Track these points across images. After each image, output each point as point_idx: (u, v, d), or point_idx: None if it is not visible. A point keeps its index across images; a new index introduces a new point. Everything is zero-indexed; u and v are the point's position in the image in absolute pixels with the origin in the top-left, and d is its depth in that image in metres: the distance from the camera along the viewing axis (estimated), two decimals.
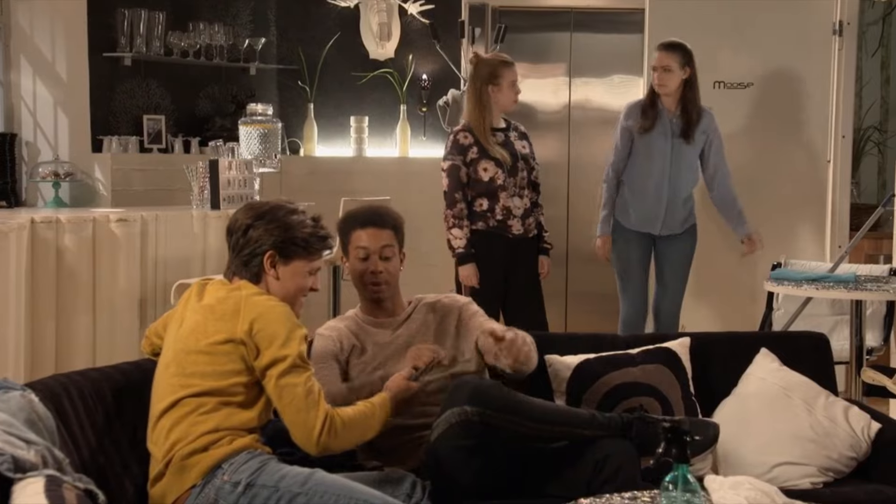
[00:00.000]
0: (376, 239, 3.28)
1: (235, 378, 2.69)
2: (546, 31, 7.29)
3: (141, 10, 6.42)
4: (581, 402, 3.30)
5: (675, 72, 5.09)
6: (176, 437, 2.65)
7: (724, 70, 6.22)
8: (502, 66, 4.84)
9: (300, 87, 7.04)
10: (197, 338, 2.72)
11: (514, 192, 4.80)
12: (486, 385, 2.93)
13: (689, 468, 2.09)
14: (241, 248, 2.83)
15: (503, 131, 4.91)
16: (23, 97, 6.45)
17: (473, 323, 3.30)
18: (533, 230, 4.91)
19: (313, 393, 2.69)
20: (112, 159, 6.23)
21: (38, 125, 6.44)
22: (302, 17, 7.10)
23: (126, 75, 6.50)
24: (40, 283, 4.52)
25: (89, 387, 2.80)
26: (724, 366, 3.50)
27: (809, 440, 3.24)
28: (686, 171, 5.19)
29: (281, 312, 2.72)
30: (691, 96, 5.15)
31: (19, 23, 6.44)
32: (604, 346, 3.48)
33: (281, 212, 2.85)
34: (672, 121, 5.15)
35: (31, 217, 4.52)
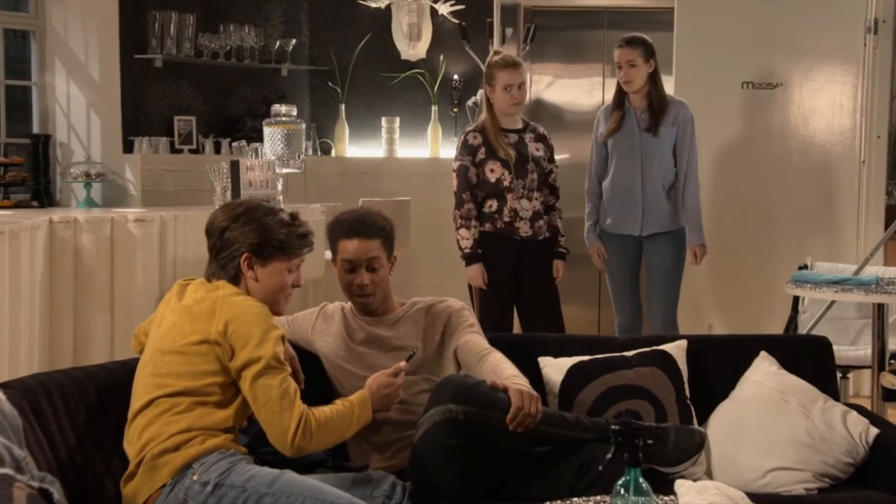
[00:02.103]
0: (363, 250, 3.24)
1: (211, 378, 2.70)
2: (579, 30, 7.25)
3: (171, 12, 6.49)
4: (573, 405, 3.27)
5: (640, 66, 4.99)
6: (149, 437, 2.67)
7: (752, 70, 6.16)
8: (496, 68, 4.78)
9: (331, 88, 7.07)
10: (173, 338, 2.74)
11: (522, 193, 4.75)
12: (470, 383, 2.91)
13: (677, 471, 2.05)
14: (218, 251, 2.84)
15: (518, 132, 4.85)
16: (57, 99, 6.56)
17: (459, 333, 3.27)
18: (545, 233, 4.85)
19: (288, 394, 2.69)
20: (142, 160, 6.29)
21: (72, 126, 6.54)
22: (334, 18, 7.13)
23: (157, 77, 6.57)
24: (58, 283, 4.59)
25: (72, 386, 2.83)
26: (723, 369, 3.45)
27: (805, 445, 3.18)
28: (659, 166, 5.04)
29: (256, 313, 2.73)
30: (656, 89, 5.05)
31: (54, 26, 6.54)
32: (600, 348, 3.44)
33: (257, 212, 2.85)
34: (640, 117, 5.06)
35: (50, 217, 4.59)
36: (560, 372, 3.34)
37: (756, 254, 6.15)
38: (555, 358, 3.38)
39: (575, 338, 3.56)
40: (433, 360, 3.25)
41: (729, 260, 6.20)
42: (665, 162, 5.05)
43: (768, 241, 6.16)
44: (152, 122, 6.59)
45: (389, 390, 2.93)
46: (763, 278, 6.07)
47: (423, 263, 6.57)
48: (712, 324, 6.25)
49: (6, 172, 6.15)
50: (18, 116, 6.69)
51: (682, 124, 5.08)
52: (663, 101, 5.06)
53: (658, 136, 5.01)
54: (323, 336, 3.31)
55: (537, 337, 3.67)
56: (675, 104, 5.10)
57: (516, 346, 3.39)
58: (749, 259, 6.17)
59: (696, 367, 3.42)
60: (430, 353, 3.25)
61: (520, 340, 3.53)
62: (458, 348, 3.24)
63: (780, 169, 6.17)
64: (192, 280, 2.91)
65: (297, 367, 3.15)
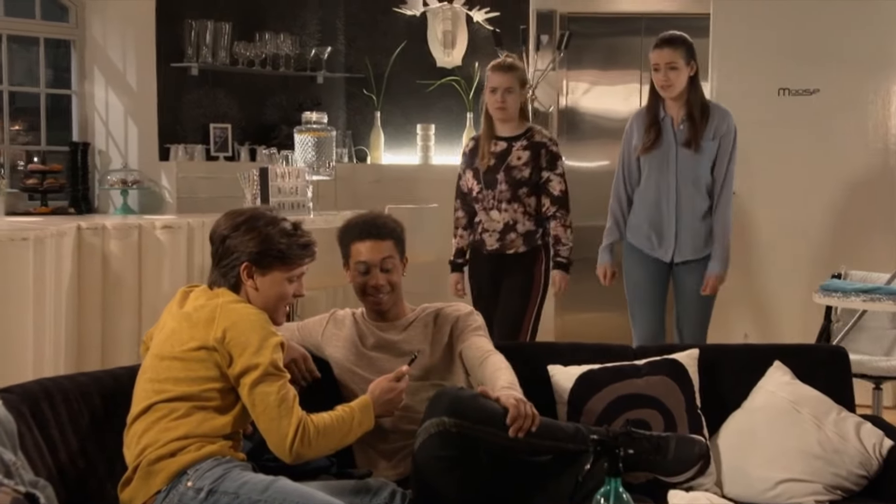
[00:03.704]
0: (376, 251, 3.26)
1: (209, 384, 2.71)
2: (616, 36, 7.21)
3: (208, 20, 6.55)
4: (582, 413, 3.24)
5: (682, 69, 4.39)
6: (146, 442, 2.68)
7: (789, 76, 6.08)
8: (490, 70, 4.61)
9: (367, 96, 7.09)
10: (172, 344, 2.75)
11: (491, 204, 4.57)
12: (465, 396, 2.89)
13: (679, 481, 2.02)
14: (220, 258, 2.84)
15: (509, 140, 4.60)
16: (96, 107, 6.67)
17: (464, 336, 3.27)
18: (519, 247, 4.56)
19: (287, 401, 2.69)
20: (177, 167, 6.37)
21: (110, 134, 6.64)
22: (370, 26, 7.16)
23: (193, 85, 6.65)
24: (87, 288, 4.66)
25: (76, 391, 2.85)
26: (737, 378, 3.39)
27: (817, 456, 3.12)
28: (696, 187, 4.47)
29: (255, 321, 2.73)
30: (696, 96, 4.44)
31: (94, 35, 6.65)
32: (611, 356, 3.41)
33: (259, 221, 2.83)
34: (678, 128, 4.45)
35: (78, 224, 4.66)
36: (569, 380, 3.31)
37: (792, 262, 6.06)
38: (564, 366, 3.36)
39: (586, 346, 3.53)
40: (442, 365, 3.25)
41: (764, 268, 6.14)
42: (704, 182, 4.47)
43: (804, 249, 6.07)
44: (188, 130, 6.66)
45: (392, 395, 2.92)
46: (798, 287, 5.98)
47: None
48: (748, 333, 6.17)
49: (44, 179, 6.25)
50: (60, 124, 6.81)
51: (725, 138, 4.46)
52: (706, 108, 4.47)
53: (698, 153, 4.42)
54: (333, 341, 3.32)
55: (547, 345, 3.67)
56: (718, 113, 4.50)
57: (526, 354, 3.38)
58: (784, 267, 6.09)
59: (709, 376, 3.38)
60: (438, 357, 3.25)
61: (530, 348, 3.53)
62: (462, 352, 3.24)
63: (817, 176, 6.08)
64: (195, 287, 2.93)
65: (310, 365, 3.19)
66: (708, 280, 4.48)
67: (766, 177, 6.20)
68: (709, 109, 4.46)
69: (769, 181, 6.19)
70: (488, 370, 3.09)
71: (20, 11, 6.57)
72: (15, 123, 6.90)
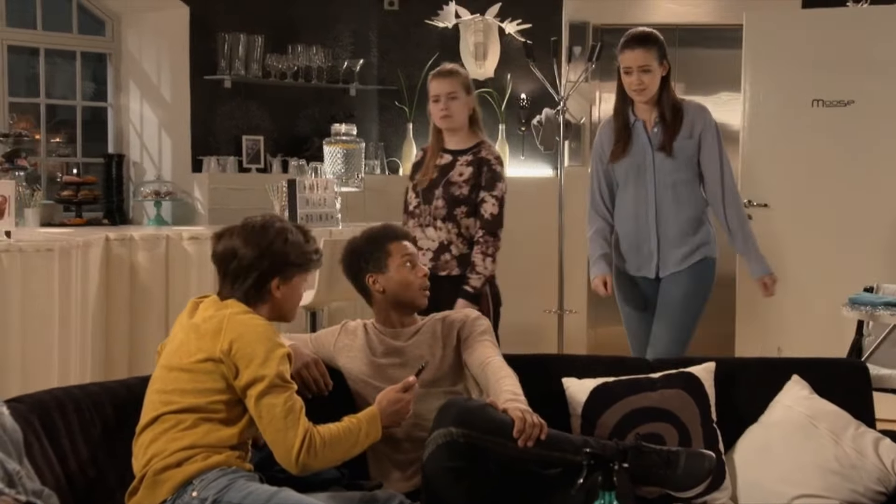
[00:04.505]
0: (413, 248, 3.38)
1: (216, 396, 2.72)
2: None
3: (240, 33, 6.61)
4: (596, 426, 3.22)
5: (655, 71, 4.07)
6: (153, 452, 2.70)
7: (822, 88, 6.04)
8: (431, 78, 4.30)
9: (399, 108, 7.12)
10: (180, 356, 2.77)
11: (427, 221, 4.22)
12: (473, 406, 2.90)
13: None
14: (243, 278, 2.85)
15: (456, 153, 4.26)
16: (131, 119, 6.75)
17: (469, 341, 3.28)
18: (453, 268, 4.18)
19: (294, 412, 2.71)
20: (210, 178, 6.42)
21: (144, 146, 6.72)
22: (402, 38, 7.18)
23: (226, 97, 6.70)
24: (114, 298, 4.71)
25: (87, 400, 2.88)
26: (754, 392, 3.36)
27: (834, 472, 3.08)
28: (678, 192, 4.14)
29: (261, 332, 2.75)
30: (668, 97, 4.11)
31: (129, 49, 6.74)
32: (626, 369, 3.39)
33: (279, 239, 2.86)
34: (652, 132, 4.13)
35: (106, 234, 4.72)
36: (584, 393, 3.29)
37: (825, 275, 6.00)
38: (579, 378, 3.34)
39: (601, 358, 3.52)
40: (451, 371, 3.25)
41: (798, 281, 6.06)
42: (689, 186, 4.15)
43: (839, 261, 6.00)
44: (221, 142, 6.71)
45: (399, 406, 2.93)
46: (832, 300, 5.89)
47: None
48: (781, 346, 6.11)
49: (79, 191, 6.33)
50: (99, 136, 6.91)
51: (705, 134, 4.11)
52: (678, 108, 4.12)
53: (674, 156, 4.09)
54: (345, 352, 3.33)
55: (562, 357, 3.66)
56: (692, 110, 4.15)
57: (541, 366, 3.38)
58: (818, 280, 6.02)
59: (726, 389, 3.35)
60: (447, 363, 3.25)
61: (545, 360, 3.49)
62: (466, 358, 3.25)
63: (851, 188, 6.02)
64: (205, 297, 2.95)
65: (322, 369, 3.20)
66: (760, 281, 4.25)
67: (801, 188, 6.16)
68: (682, 109, 4.13)
69: (803, 192, 6.15)
70: (491, 377, 3.10)
71: (58, 25, 6.67)
72: (56, 136, 7.00)
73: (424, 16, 7.02)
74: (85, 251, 4.40)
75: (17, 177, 5.97)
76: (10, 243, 4.13)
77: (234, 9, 6.69)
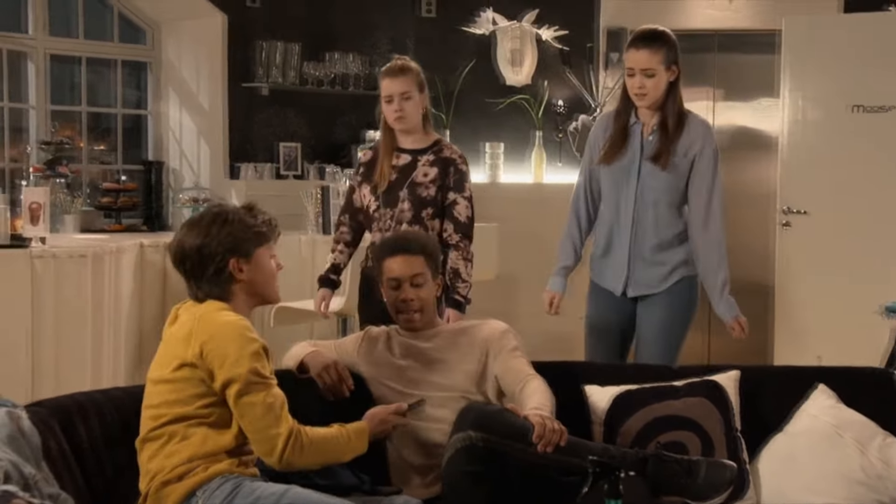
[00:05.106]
0: (407, 267, 3.29)
1: (200, 401, 2.69)
2: (688, 53, 7.06)
3: (277, 41, 6.65)
4: (618, 434, 3.21)
5: (661, 74, 3.73)
6: (154, 470, 2.69)
7: (862, 93, 5.98)
8: (380, 76, 4.08)
9: (435, 114, 7.12)
10: (161, 367, 2.75)
11: (388, 225, 3.99)
12: (491, 411, 2.91)
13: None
14: (202, 270, 2.78)
15: (415, 153, 4.05)
16: (170, 127, 6.82)
17: (502, 358, 3.25)
18: None
19: (273, 409, 2.67)
20: (246, 185, 6.45)
21: (183, 153, 6.78)
22: (438, 45, 7.18)
23: (263, 104, 6.74)
24: (147, 304, 4.76)
25: (109, 405, 2.91)
26: (779, 401, 3.33)
27: (859, 482, 3.06)
28: (659, 213, 3.83)
29: (231, 331, 2.69)
30: (673, 105, 3.78)
31: (168, 57, 6.81)
32: (649, 376, 3.37)
33: (219, 219, 2.78)
34: (647, 138, 3.83)
35: (140, 241, 4.77)
36: (606, 400, 3.29)
37: (865, 283, 5.91)
38: (601, 386, 3.33)
39: (624, 366, 3.51)
40: (469, 382, 3.24)
41: (837, 289, 6.01)
42: (669, 210, 3.85)
43: (881, 269, 5.92)
44: (258, 149, 6.76)
45: (386, 426, 2.95)
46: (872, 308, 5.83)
47: (523, 289, 6.53)
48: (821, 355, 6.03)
49: (118, 198, 6.40)
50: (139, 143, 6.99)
51: (701, 157, 3.78)
52: (682, 118, 3.80)
53: (666, 170, 3.77)
54: (367, 358, 3.34)
55: (585, 364, 3.63)
56: (694, 126, 3.82)
57: (564, 373, 3.37)
58: (858, 288, 5.94)
59: (751, 398, 3.33)
60: (465, 372, 3.24)
61: (567, 367, 3.48)
62: (500, 374, 3.23)
63: (891, 195, 5.95)
64: (184, 303, 2.90)
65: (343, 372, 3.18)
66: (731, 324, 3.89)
67: (840, 195, 6.10)
68: (685, 121, 3.81)
69: (843, 199, 6.09)
70: (526, 393, 3.09)
71: (99, 35, 6.75)
72: (99, 143, 7.09)
73: (461, 23, 7.02)
74: (118, 257, 4.46)
75: (57, 184, 6.06)
76: (45, 249, 4.20)
77: (271, 17, 6.73)
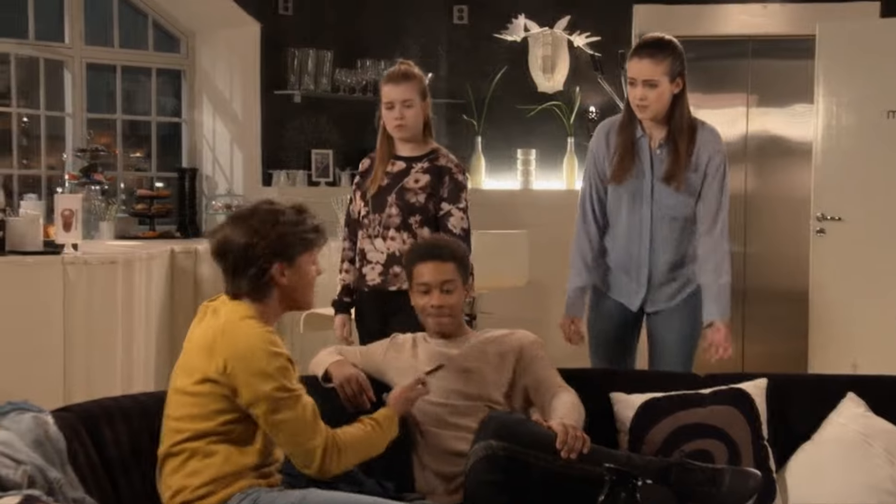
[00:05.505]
0: (437, 273, 3.29)
1: (223, 417, 2.66)
2: (722, 59, 7.09)
3: (309, 49, 6.68)
4: (643, 442, 3.19)
5: (664, 86, 3.55)
6: (175, 487, 2.68)
7: None
8: (382, 82, 4.00)
9: (467, 121, 7.13)
10: (183, 376, 2.72)
11: (376, 231, 3.86)
12: (513, 420, 2.90)
13: None
14: (243, 268, 2.72)
15: (410, 160, 3.93)
16: (204, 134, 6.87)
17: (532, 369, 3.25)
18: (403, 282, 3.69)
19: (306, 422, 2.66)
20: (279, 192, 6.48)
21: (216, 160, 6.83)
22: (471, 51, 7.19)
23: (296, 112, 6.78)
24: (179, 310, 4.80)
25: (136, 410, 2.93)
26: (808, 410, 3.31)
27: (888, 493, 3.03)
28: (675, 225, 3.71)
29: (255, 346, 2.63)
30: (680, 119, 3.60)
31: (202, 65, 6.86)
32: (676, 384, 3.35)
33: (270, 219, 2.72)
34: (655, 153, 3.67)
35: (172, 247, 4.81)
36: (632, 408, 3.27)
37: None
38: (627, 394, 3.31)
39: (651, 374, 3.49)
40: (496, 391, 3.23)
41: (875, 295, 5.96)
42: (686, 220, 3.73)
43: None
44: (290, 156, 6.79)
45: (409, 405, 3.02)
46: None
47: (553, 296, 6.48)
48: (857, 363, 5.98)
49: (153, 205, 6.46)
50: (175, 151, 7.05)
51: (711, 169, 3.65)
52: (692, 131, 3.63)
53: (679, 190, 3.65)
54: (394, 364, 3.34)
55: (611, 371, 3.61)
56: (703, 134, 3.66)
57: (589, 381, 3.36)
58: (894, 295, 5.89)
59: (779, 406, 3.30)
60: (493, 381, 3.23)
61: (593, 375, 3.48)
62: (530, 386, 3.23)
63: None
64: (215, 299, 2.84)
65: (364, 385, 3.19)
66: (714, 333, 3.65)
67: (876, 201, 6.05)
68: (695, 133, 3.64)
69: (878, 206, 6.04)
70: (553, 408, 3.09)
71: (135, 43, 6.82)
72: (137, 150, 7.16)
73: (493, 29, 7.01)
74: (149, 263, 4.50)
75: (92, 191, 6.13)
76: (76, 256, 4.24)
77: (304, 25, 6.77)
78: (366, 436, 2.79)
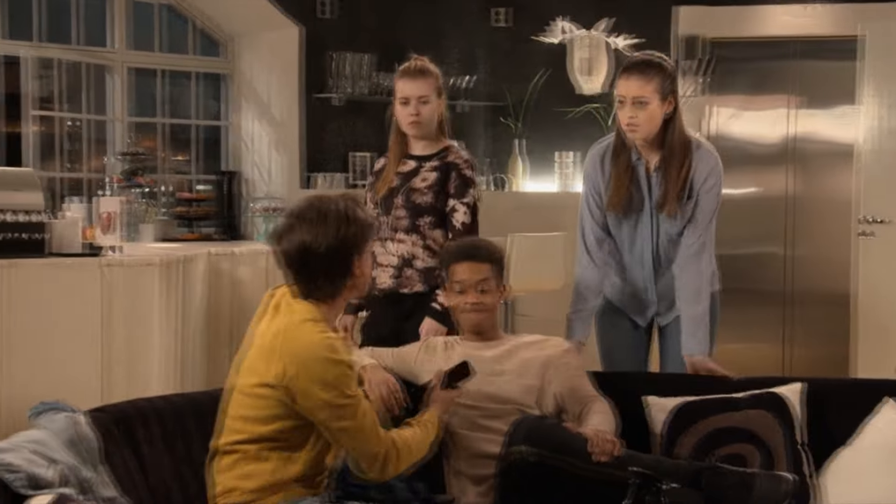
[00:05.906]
0: (474, 273, 3.29)
1: (278, 423, 2.64)
2: (765, 61, 7.03)
3: (348, 52, 6.71)
4: (676, 446, 3.17)
5: (654, 106, 3.37)
6: (222, 487, 2.67)
7: None
8: (396, 77, 3.89)
9: (506, 124, 7.12)
10: (245, 374, 2.69)
11: (386, 234, 3.77)
12: (545, 425, 2.90)
13: None
14: (327, 270, 2.66)
15: (421, 159, 3.83)
16: (243, 138, 6.92)
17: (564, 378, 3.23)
18: (415, 285, 3.74)
19: (367, 428, 2.65)
20: None
21: (256, 163, 6.88)
22: (510, 54, 7.19)
23: (335, 115, 6.80)
24: (216, 312, 4.83)
25: (170, 411, 2.95)
26: (846, 415, 3.25)
27: None
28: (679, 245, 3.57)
29: (315, 351, 2.59)
30: (674, 141, 3.42)
31: (243, 69, 6.92)
32: (711, 388, 3.32)
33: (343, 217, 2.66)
34: (652, 176, 3.51)
35: (209, 250, 4.84)
36: (665, 411, 3.24)
37: None
38: (661, 397, 3.28)
39: (684, 376, 3.45)
40: (528, 397, 3.21)
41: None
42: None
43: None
44: (330, 159, 6.82)
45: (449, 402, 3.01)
46: None
47: None
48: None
49: (192, 207, 6.51)
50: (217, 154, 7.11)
51: (704, 185, 3.48)
52: (686, 153, 3.44)
53: (671, 215, 3.50)
54: (426, 367, 3.33)
55: (644, 374, 3.59)
56: (699, 157, 3.47)
57: (622, 384, 3.34)
58: None
59: (815, 411, 3.26)
60: (523, 387, 3.22)
61: (626, 378, 3.45)
62: (560, 394, 3.21)
63: None
64: (279, 288, 2.78)
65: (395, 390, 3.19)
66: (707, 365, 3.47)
67: None
68: (691, 156, 3.45)
69: None
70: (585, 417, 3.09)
71: (177, 48, 6.89)
72: (179, 154, 7.23)
73: (533, 32, 6.99)
74: (187, 266, 4.53)
75: (134, 194, 6.19)
76: (114, 258, 4.27)
77: (344, 28, 6.80)
78: (421, 438, 2.81)
